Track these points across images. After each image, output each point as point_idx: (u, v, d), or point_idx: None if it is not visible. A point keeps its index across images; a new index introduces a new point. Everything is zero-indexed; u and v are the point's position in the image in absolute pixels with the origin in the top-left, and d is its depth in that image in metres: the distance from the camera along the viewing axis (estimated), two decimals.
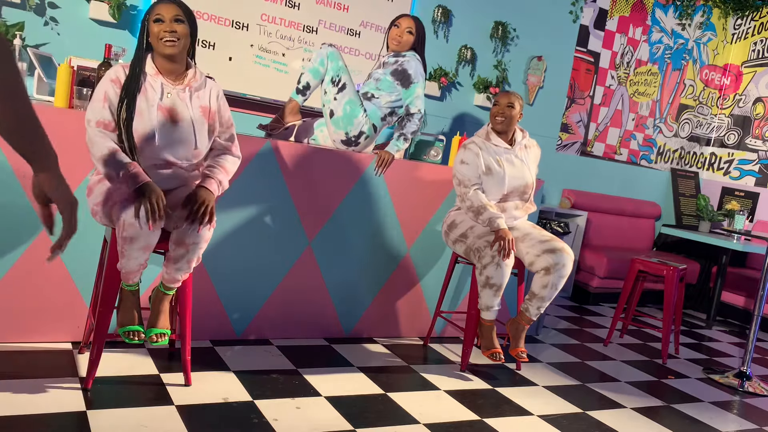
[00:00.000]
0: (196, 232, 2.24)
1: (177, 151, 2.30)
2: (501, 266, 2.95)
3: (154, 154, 2.27)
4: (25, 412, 2.09)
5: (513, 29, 4.96)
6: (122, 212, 2.13)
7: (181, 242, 2.26)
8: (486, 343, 3.10)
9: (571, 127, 5.57)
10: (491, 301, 3.03)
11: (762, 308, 3.73)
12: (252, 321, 3.11)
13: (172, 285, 2.36)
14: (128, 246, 2.16)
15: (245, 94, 4.07)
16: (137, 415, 2.19)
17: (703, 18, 6.04)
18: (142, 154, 2.26)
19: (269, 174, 3.03)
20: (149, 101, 2.25)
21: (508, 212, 3.18)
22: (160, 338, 2.34)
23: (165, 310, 2.38)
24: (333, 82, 3.20)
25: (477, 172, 3.11)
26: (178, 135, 2.28)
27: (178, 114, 2.29)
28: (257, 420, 2.30)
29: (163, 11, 2.24)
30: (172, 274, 2.33)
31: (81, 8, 3.57)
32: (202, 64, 3.78)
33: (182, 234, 2.25)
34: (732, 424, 3.04)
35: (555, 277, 3.04)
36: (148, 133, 2.24)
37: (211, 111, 2.37)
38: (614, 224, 5.73)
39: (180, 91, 2.31)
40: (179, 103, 2.29)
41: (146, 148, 2.25)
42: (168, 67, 2.30)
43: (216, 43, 3.93)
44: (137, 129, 2.22)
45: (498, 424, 2.59)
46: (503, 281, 2.99)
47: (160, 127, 2.25)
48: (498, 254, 2.94)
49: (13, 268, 2.57)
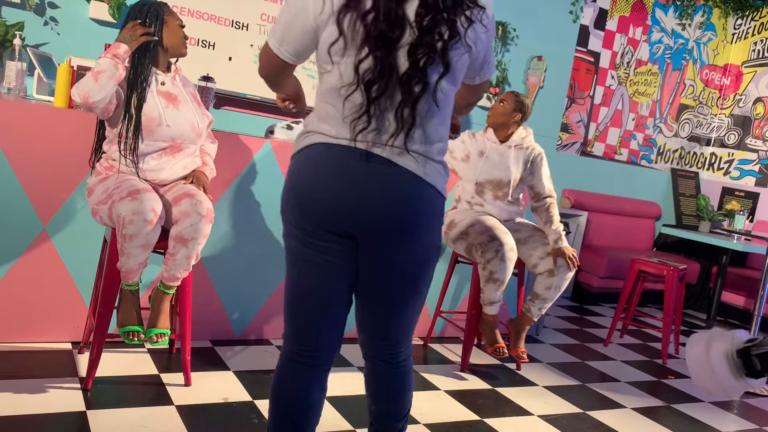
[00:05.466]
0: (197, 227, 2.28)
1: (182, 131, 2.42)
2: (504, 260, 2.95)
3: (163, 136, 2.38)
4: (25, 412, 2.10)
5: (513, 29, 4.95)
6: (123, 209, 2.16)
7: (180, 238, 2.28)
8: (489, 339, 3.10)
9: (571, 127, 5.57)
10: (494, 295, 3.03)
11: (762, 308, 3.73)
12: (252, 321, 3.11)
13: (171, 283, 2.36)
14: (128, 243, 2.18)
15: (245, 94, 4.07)
16: (137, 415, 2.19)
17: (703, 18, 6.04)
18: (152, 137, 2.36)
19: (269, 174, 3.03)
20: (150, 87, 2.39)
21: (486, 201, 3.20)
22: (160, 338, 2.34)
23: (165, 310, 2.38)
24: None
25: (463, 151, 3.26)
26: (180, 116, 2.42)
27: (177, 97, 2.45)
28: (257, 420, 2.30)
29: (179, 19, 2.45)
30: (172, 272, 2.33)
31: (81, 8, 3.56)
32: (202, 64, 3.78)
33: (181, 230, 2.28)
34: (732, 424, 3.04)
35: (558, 279, 3.05)
36: (156, 115, 2.35)
37: (198, 99, 2.57)
38: (614, 224, 5.73)
39: (171, 78, 2.47)
40: (173, 88, 2.46)
41: (155, 130, 2.36)
42: (163, 60, 2.46)
43: (216, 43, 3.93)
44: (145, 113, 2.34)
45: (498, 424, 2.59)
46: (506, 276, 2.99)
47: (164, 110, 2.38)
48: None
49: (13, 268, 2.57)
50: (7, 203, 2.52)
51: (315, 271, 1.52)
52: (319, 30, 1.45)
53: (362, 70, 1.40)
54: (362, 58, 1.40)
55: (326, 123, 1.48)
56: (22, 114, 2.50)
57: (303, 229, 1.50)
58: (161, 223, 2.24)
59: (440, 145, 1.51)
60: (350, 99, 1.43)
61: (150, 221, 2.18)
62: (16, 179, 2.51)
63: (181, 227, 2.28)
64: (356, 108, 1.43)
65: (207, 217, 2.30)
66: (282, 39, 1.50)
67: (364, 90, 1.40)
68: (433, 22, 1.39)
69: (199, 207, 2.29)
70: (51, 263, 2.62)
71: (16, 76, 2.78)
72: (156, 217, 2.20)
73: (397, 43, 1.39)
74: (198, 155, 2.55)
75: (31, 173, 2.53)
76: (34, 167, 2.53)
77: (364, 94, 1.41)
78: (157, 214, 2.20)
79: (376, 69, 1.39)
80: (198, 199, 2.30)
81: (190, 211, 2.27)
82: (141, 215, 2.16)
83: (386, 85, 1.40)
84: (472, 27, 1.45)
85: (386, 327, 1.59)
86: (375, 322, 1.60)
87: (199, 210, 2.28)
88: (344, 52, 1.42)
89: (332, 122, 1.47)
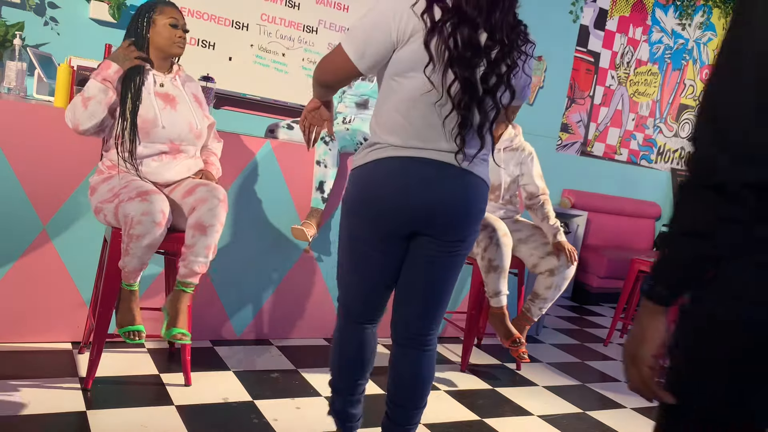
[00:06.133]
0: (215, 211, 2.27)
1: (179, 133, 2.40)
2: (500, 245, 2.94)
3: (160, 138, 2.37)
4: (25, 412, 2.10)
5: None
6: (131, 209, 2.16)
7: (199, 225, 2.27)
8: (504, 332, 3.02)
9: (571, 127, 5.57)
10: (498, 285, 2.98)
11: None
12: (252, 321, 3.11)
13: (190, 280, 2.32)
14: (134, 243, 2.18)
15: (245, 94, 4.07)
16: (137, 415, 2.19)
17: (703, 18, 6.04)
18: (149, 140, 2.35)
19: (269, 174, 3.03)
20: (147, 89, 2.38)
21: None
22: (183, 338, 2.33)
23: (185, 310, 2.35)
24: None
25: None
26: (177, 117, 2.41)
27: (175, 98, 2.43)
28: (257, 420, 2.30)
29: (176, 16, 2.41)
30: (191, 266, 2.29)
31: (81, 8, 3.56)
32: (202, 64, 3.78)
33: (200, 216, 2.26)
34: None
35: (559, 278, 3.04)
36: (152, 117, 2.34)
37: (200, 100, 2.55)
38: (614, 224, 5.73)
39: (171, 79, 2.45)
40: (172, 89, 2.45)
41: (152, 132, 2.35)
42: (160, 62, 2.44)
43: (216, 43, 3.93)
44: (141, 115, 2.32)
45: (498, 424, 2.59)
46: (505, 262, 2.97)
47: (160, 111, 2.37)
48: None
49: (13, 268, 2.57)
50: (7, 203, 2.52)
51: (373, 268, 1.80)
52: (397, 46, 1.63)
53: (452, 89, 1.62)
54: (452, 80, 1.61)
55: (393, 135, 1.68)
56: (22, 114, 2.50)
57: (370, 234, 1.76)
58: (168, 225, 2.24)
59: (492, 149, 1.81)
60: (447, 117, 1.64)
61: (159, 223, 2.18)
62: (16, 179, 2.51)
63: (200, 213, 2.26)
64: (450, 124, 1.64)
65: (224, 203, 2.31)
66: (363, 53, 1.65)
67: (458, 108, 1.63)
68: (501, 53, 1.64)
69: (216, 192, 2.29)
70: (51, 263, 2.62)
71: (16, 76, 2.78)
72: (164, 218, 2.20)
73: (476, 67, 1.63)
74: (200, 157, 2.53)
75: (31, 173, 2.53)
76: (34, 167, 2.53)
77: (458, 113, 1.63)
78: (166, 216, 2.21)
79: (464, 88, 1.61)
80: (213, 186, 2.32)
81: (208, 197, 2.27)
82: (150, 216, 2.16)
83: (470, 104, 1.63)
84: (527, 59, 1.72)
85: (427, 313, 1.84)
86: (416, 309, 1.84)
87: (217, 195, 2.29)
88: (432, 71, 1.60)
89: (400, 132, 1.67)
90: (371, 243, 1.77)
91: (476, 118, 1.66)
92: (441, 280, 1.81)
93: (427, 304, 1.83)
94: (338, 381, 1.97)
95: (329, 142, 2.96)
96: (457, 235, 1.75)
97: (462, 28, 1.59)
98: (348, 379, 1.95)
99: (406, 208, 1.69)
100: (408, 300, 1.84)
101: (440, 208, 1.69)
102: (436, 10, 1.59)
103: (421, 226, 1.72)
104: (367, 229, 1.75)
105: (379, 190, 1.69)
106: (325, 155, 2.97)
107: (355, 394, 1.97)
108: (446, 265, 1.79)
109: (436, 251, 1.76)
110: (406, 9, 1.60)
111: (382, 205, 1.70)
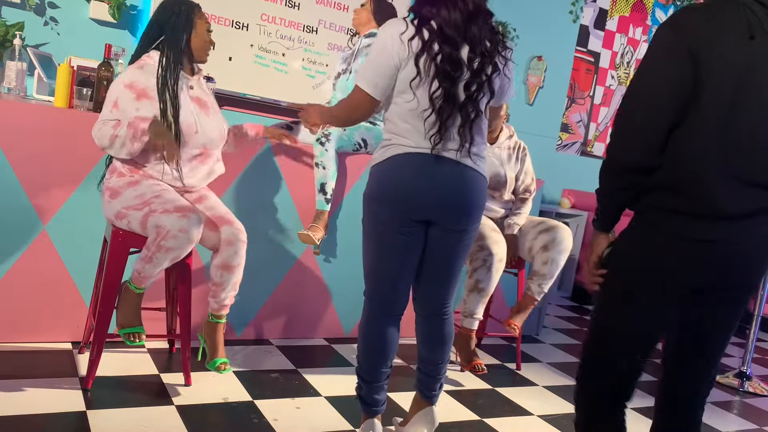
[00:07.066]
0: (240, 253, 2.39)
1: (212, 138, 2.40)
2: (491, 271, 2.94)
3: (195, 143, 2.36)
4: (25, 412, 2.10)
5: (513, 29, 4.95)
6: (168, 222, 2.16)
7: (227, 266, 2.38)
8: (466, 356, 3.03)
9: (571, 127, 5.57)
10: (476, 307, 2.98)
11: (762, 308, 3.72)
12: (252, 321, 3.11)
13: (223, 312, 2.45)
14: (162, 254, 2.19)
15: (245, 94, 4.07)
16: (137, 415, 2.19)
17: None
18: (185, 147, 2.34)
19: (269, 174, 3.03)
20: (183, 93, 2.35)
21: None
22: (226, 366, 2.42)
23: (221, 340, 2.45)
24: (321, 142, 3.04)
25: None
26: (210, 122, 2.41)
27: (206, 102, 2.43)
28: (257, 420, 2.30)
29: (208, 23, 2.43)
30: (223, 302, 2.42)
31: (81, 8, 3.57)
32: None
33: (226, 258, 2.37)
34: (732, 424, 3.04)
35: (554, 252, 3.02)
36: (192, 122, 2.33)
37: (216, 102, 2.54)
38: None
39: (196, 81, 2.44)
40: (202, 93, 2.43)
41: (190, 139, 2.34)
42: (188, 64, 2.43)
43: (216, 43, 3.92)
44: (182, 120, 2.31)
45: (498, 424, 2.59)
46: (491, 287, 2.97)
47: (197, 116, 2.36)
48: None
49: (13, 268, 2.57)
50: (7, 203, 2.52)
51: (398, 251, 2.05)
52: (400, 69, 1.93)
53: (435, 98, 1.91)
54: (435, 90, 1.91)
55: (405, 137, 1.97)
56: (22, 114, 2.50)
57: (393, 218, 2.00)
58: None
59: (484, 146, 2.09)
60: (428, 120, 1.93)
61: (193, 241, 2.21)
62: (16, 179, 2.51)
63: (227, 254, 2.37)
64: (431, 126, 1.93)
65: (245, 242, 2.41)
66: (376, 84, 1.96)
67: (437, 113, 1.92)
68: (480, 64, 1.94)
69: (240, 234, 2.40)
70: (51, 263, 2.62)
71: (16, 76, 2.78)
72: (199, 238, 2.25)
73: (459, 79, 1.92)
74: (220, 159, 2.52)
75: (31, 173, 2.53)
76: (34, 167, 2.53)
77: (437, 116, 1.92)
78: (200, 235, 2.25)
79: (445, 97, 1.91)
80: (237, 227, 2.40)
81: (233, 239, 2.38)
82: (187, 234, 2.17)
83: (452, 110, 1.93)
84: (506, 63, 2.03)
85: (443, 289, 2.16)
86: (435, 286, 2.15)
87: (241, 237, 2.40)
88: (420, 85, 1.92)
89: (411, 136, 1.97)
90: (395, 227, 2.01)
91: (458, 120, 1.96)
92: (453, 260, 2.12)
93: (443, 281, 2.15)
94: (364, 371, 2.17)
95: (325, 143, 2.96)
96: (461, 224, 2.05)
97: (444, 46, 1.89)
98: (373, 369, 2.15)
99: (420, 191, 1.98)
100: (428, 279, 2.14)
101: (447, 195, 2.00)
102: (424, 32, 1.91)
103: (432, 214, 2.01)
104: (390, 213, 2.00)
105: (400, 176, 1.98)
106: (322, 156, 2.96)
107: (380, 382, 2.17)
108: (456, 249, 2.10)
109: (446, 238, 2.07)
110: (400, 36, 1.92)
111: (402, 190, 1.97)
